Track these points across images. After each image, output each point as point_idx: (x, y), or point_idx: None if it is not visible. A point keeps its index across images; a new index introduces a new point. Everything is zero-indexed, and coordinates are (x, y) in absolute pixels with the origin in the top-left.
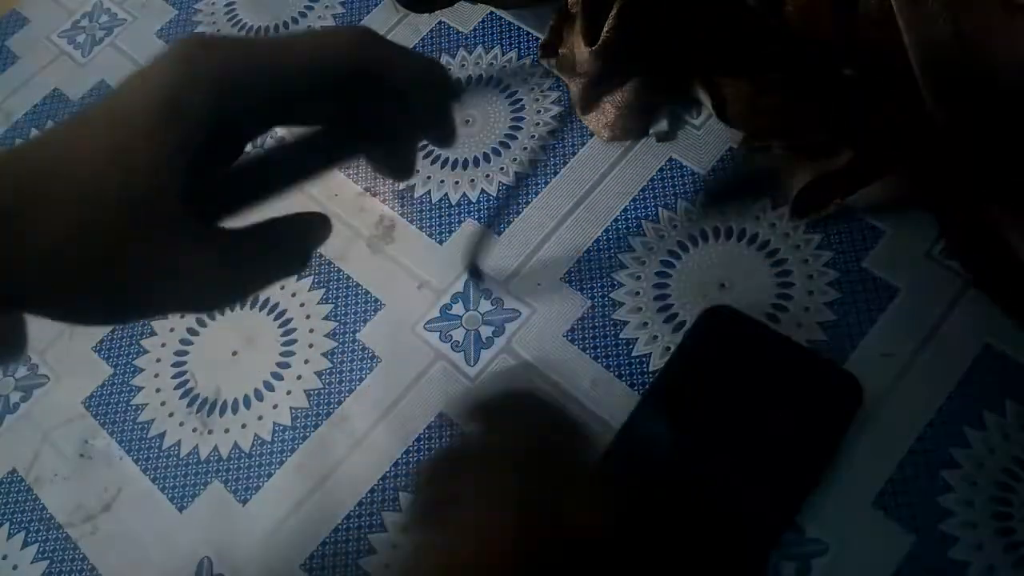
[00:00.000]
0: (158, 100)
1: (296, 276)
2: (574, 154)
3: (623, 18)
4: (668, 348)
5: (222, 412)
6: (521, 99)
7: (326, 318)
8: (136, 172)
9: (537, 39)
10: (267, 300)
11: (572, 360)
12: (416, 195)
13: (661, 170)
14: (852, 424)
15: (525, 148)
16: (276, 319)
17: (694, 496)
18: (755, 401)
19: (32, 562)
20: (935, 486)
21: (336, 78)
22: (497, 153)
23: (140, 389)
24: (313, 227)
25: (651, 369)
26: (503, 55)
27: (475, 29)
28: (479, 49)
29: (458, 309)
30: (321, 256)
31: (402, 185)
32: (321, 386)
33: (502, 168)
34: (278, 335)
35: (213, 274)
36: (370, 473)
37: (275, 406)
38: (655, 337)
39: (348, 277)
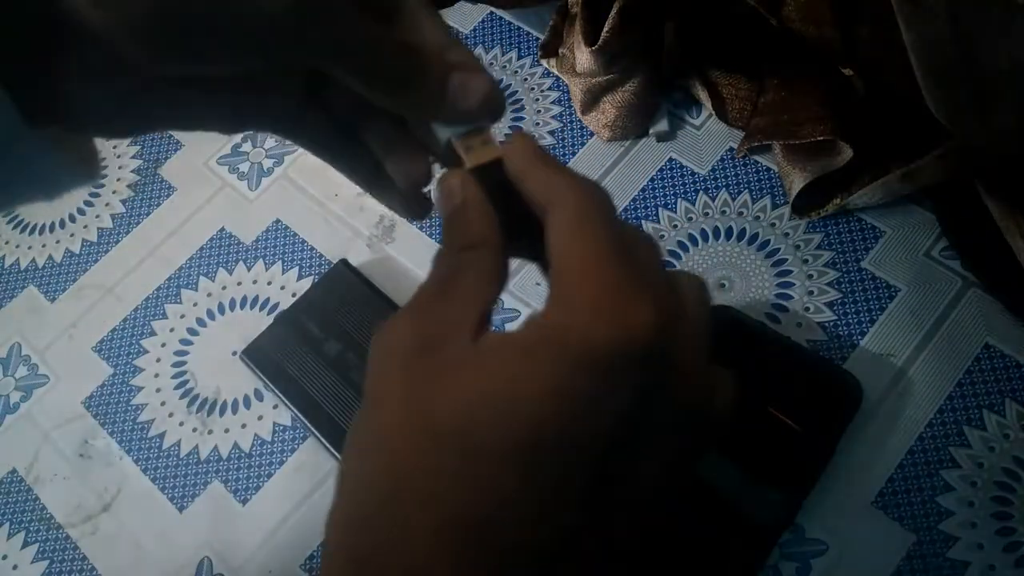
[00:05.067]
0: None
1: (300, 274)
2: (574, 154)
3: (623, 18)
4: None
5: (222, 412)
6: (521, 99)
7: None
8: None
9: (537, 39)
10: (267, 299)
11: None
12: None
13: (661, 170)
14: (852, 424)
15: None
16: None
17: (694, 496)
18: (755, 401)
19: (32, 562)
20: (935, 486)
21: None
22: None
23: (140, 389)
24: None
25: None
26: (503, 55)
27: (475, 29)
28: (479, 49)
29: None
30: (321, 256)
31: None
32: None
33: None
34: None
35: None
36: None
37: (275, 406)
38: None
39: None
